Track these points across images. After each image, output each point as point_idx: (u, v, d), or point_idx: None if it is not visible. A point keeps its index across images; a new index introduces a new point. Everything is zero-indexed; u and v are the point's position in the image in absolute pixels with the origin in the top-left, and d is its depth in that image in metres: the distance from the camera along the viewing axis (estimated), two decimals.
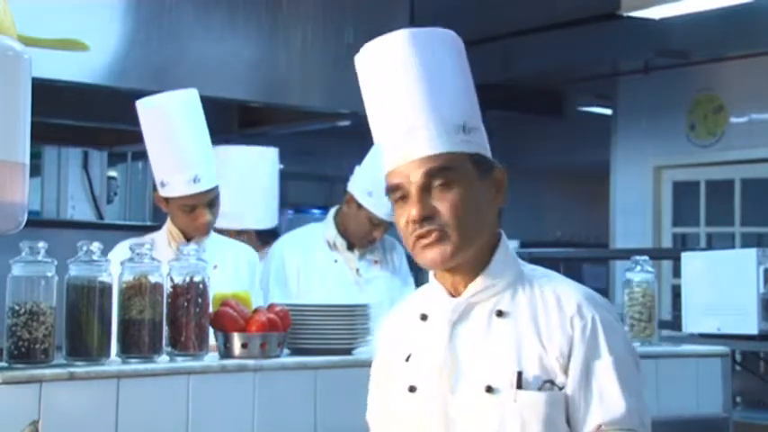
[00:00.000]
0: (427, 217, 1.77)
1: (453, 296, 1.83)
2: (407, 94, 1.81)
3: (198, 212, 3.31)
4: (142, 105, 3.39)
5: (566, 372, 1.75)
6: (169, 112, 3.36)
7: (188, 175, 3.29)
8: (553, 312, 1.79)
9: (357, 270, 3.69)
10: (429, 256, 1.78)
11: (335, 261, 3.70)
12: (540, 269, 1.89)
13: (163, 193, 3.34)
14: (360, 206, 3.60)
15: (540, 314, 1.80)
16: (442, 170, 1.78)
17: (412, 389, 1.80)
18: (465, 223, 1.78)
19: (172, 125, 3.34)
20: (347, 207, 3.66)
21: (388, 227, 3.67)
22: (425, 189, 1.78)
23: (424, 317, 1.87)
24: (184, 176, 3.29)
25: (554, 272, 1.91)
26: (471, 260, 1.81)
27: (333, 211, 3.77)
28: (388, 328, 1.97)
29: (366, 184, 3.61)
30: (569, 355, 1.76)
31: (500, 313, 1.80)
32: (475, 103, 1.87)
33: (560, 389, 1.74)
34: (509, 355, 1.76)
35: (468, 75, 1.87)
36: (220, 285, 2.91)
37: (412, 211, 1.77)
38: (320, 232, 3.75)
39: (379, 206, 3.58)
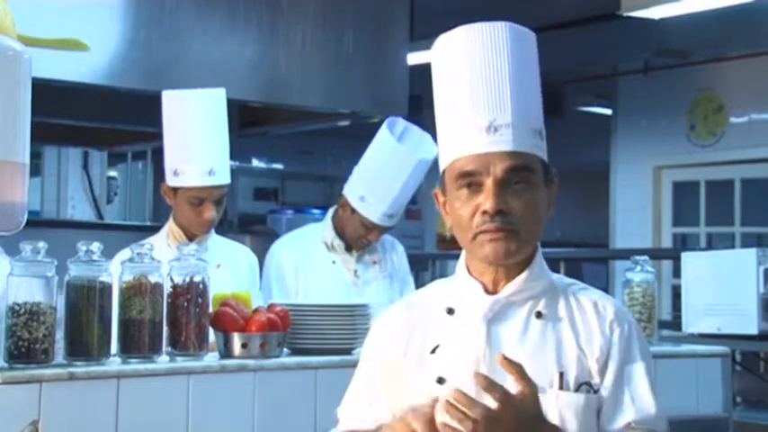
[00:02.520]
0: (501, 212, 1.76)
1: (489, 293, 1.84)
2: (501, 86, 1.80)
3: (205, 207, 3.32)
4: (168, 96, 3.40)
5: (602, 374, 1.80)
6: (195, 104, 3.38)
7: (204, 167, 3.31)
8: (592, 317, 1.83)
9: (355, 272, 3.69)
10: (493, 249, 1.78)
11: (333, 262, 3.69)
12: (564, 278, 1.93)
13: (174, 182, 3.34)
14: (354, 210, 3.61)
15: (578, 318, 1.83)
16: (524, 169, 1.79)
17: (441, 380, 1.79)
18: (532, 225, 1.80)
19: (195, 117, 3.36)
20: (342, 210, 3.67)
21: (384, 230, 3.67)
22: (503, 184, 1.77)
23: (450, 311, 1.86)
24: (200, 168, 3.31)
25: (577, 280, 1.94)
26: (517, 261, 1.83)
27: (331, 211, 3.76)
28: (400, 322, 1.93)
29: (359, 188, 3.61)
30: (607, 359, 1.80)
31: (539, 315, 1.82)
32: (542, 112, 1.87)
33: (595, 391, 1.79)
34: (549, 355, 1.79)
35: (539, 81, 1.88)
36: (223, 284, 2.91)
37: (486, 203, 1.76)
38: (318, 233, 3.75)
39: (371, 211, 3.58)
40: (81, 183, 8.25)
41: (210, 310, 2.61)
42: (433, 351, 1.84)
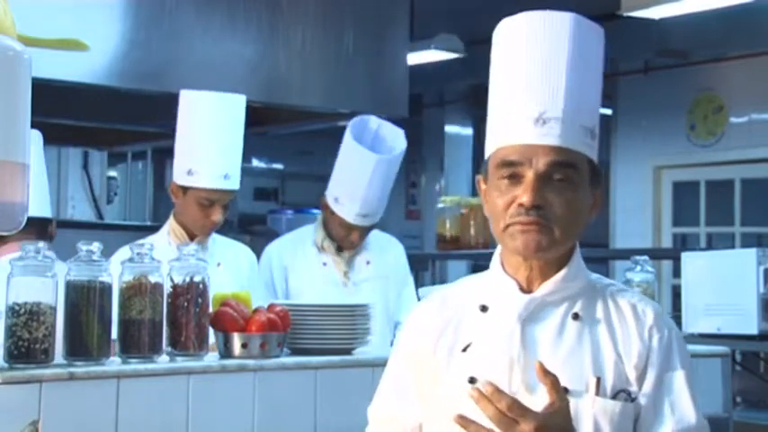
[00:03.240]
0: (538, 206, 1.72)
1: (524, 291, 1.80)
2: (557, 78, 1.75)
3: (213, 209, 3.33)
4: (190, 94, 3.41)
5: (640, 381, 1.75)
6: (216, 106, 3.39)
7: (219, 171, 3.32)
8: (630, 321, 1.79)
9: (345, 273, 3.68)
10: (524, 241, 1.74)
11: (324, 264, 3.69)
12: (604, 278, 1.88)
13: (186, 181, 3.34)
14: (333, 211, 3.63)
15: (616, 322, 1.79)
16: (568, 166, 1.75)
17: (472, 380, 1.75)
18: (569, 223, 1.76)
19: (215, 119, 3.37)
20: (325, 212, 3.68)
21: (365, 230, 3.65)
22: (544, 178, 1.73)
23: (484, 308, 1.82)
24: (215, 170, 3.32)
25: (615, 281, 1.90)
26: (553, 259, 1.79)
27: (321, 213, 3.77)
28: (431, 319, 1.88)
29: (333, 190, 3.62)
30: (645, 365, 1.76)
31: (576, 316, 1.78)
32: (598, 110, 1.83)
33: (633, 399, 1.74)
34: (586, 359, 1.74)
35: (601, 78, 1.84)
36: (223, 284, 2.91)
37: (524, 196, 1.72)
38: (311, 235, 3.76)
39: (345, 211, 3.59)
40: (81, 183, 8.25)
41: (210, 310, 2.61)
42: (465, 349, 1.80)
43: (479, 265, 9.09)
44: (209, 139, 3.34)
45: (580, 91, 1.77)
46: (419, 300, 3.73)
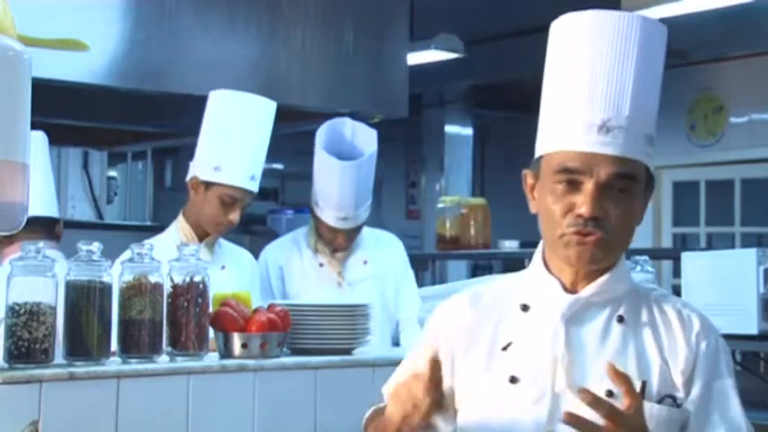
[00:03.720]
0: (596, 218, 1.69)
1: (568, 291, 1.77)
2: (623, 85, 1.70)
3: (233, 208, 3.35)
4: (222, 93, 3.43)
5: (686, 388, 1.74)
6: (249, 108, 3.42)
7: (247, 171, 3.35)
8: (676, 327, 1.77)
9: (339, 273, 3.68)
10: (578, 253, 1.71)
11: (321, 265, 3.69)
12: (644, 282, 1.88)
13: (212, 177, 3.33)
14: (317, 215, 3.64)
15: (661, 327, 1.77)
16: (629, 177, 1.71)
17: (513, 379, 1.73)
18: (625, 234, 1.74)
19: (247, 120, 3.40)
20: (313, 215, 3.69)
21: (353, 231, 3.65)
22: (604, 189, 1.69)
23: (525, 307, 1.79)
24: (244, 170, 3.34)
25: (657, 286, 1.89)
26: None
27: (311, 216, 3.77)
28: (465, 317, 1.84)
29: (314, 195, 3.63)
30: (693, 372, 1.74)
31: (621, 319, 1.76)
32: (656, 115, 1.78)
33: (678, 405, 1.72)
34: (631, 363, 1.72)
35: (660, 80, 1.79)
36: (226, 286, 2.91)
37: (583, 207, 1.69)
38: (306, 236, 3.76)
39: (325, 215, 3.59)
40: (81, 183, 8.24)
41: (210, 310, 2.61)
42: (505, 348, 1.77)
43: (479, 264, 9.10)
44: (239, 138, 3.36)
45: (645, 98, 1.73)
46: (419, 296, 3.74)
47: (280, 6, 4.62)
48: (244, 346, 2.59)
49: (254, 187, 3.39)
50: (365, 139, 3.66)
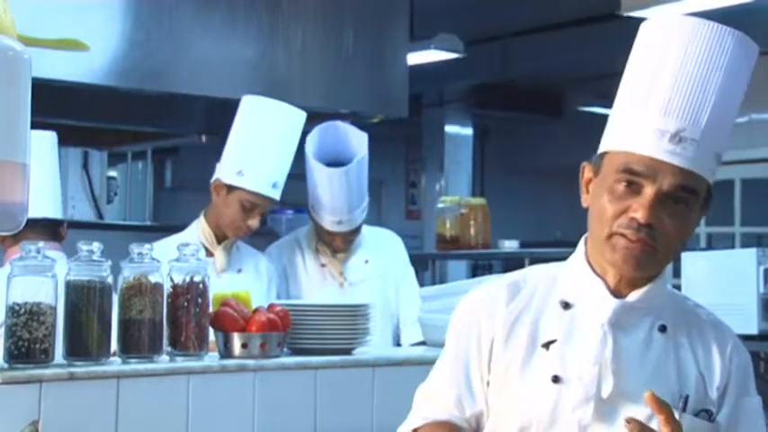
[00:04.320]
0: (650, 225, 1.67)
1: (613, 294, 1.75)
2: (705, 98, 1.68)
3: (253, 214, 3.37)
4: (253, 99, 3.47)
5: (719, 403, 1.74)
6: (277, 116, 3.46)
7: (270, 178, 3.38)
8: (712, 342, 1.77)
9: (340, 273, 3.68)
10: (624, 256, 1.68)
11: (323, 265, 3.70)
12: (677, 291, 1.87)
13: (234, 181, 3.35)
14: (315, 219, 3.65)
15: (698, 340, 1.77)
16: (690, 192, 1.69)
17: (556, 379, 1.71)
18: (675, 247, 1.72)
19: (274, 128, 3.43)
20: (310, 218, 3.70)
21: (350, 233, 3.64)
22: (664, 198, 1.67)
23: (566, 305, 1.77)
24: (267, 177, 3.37)
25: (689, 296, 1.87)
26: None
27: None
28: (501, 306, 1.81)
29: (309, 199, 3.63)
30: (726, 388, 1.75)
31: (663, 328, 1.75)
32: (729, 135, 1.77)
33: (712, 420, 1.72)
34: (671, 374, 1.72)
35: (740, 100, 1.78)
36: (244, 289, 2.91)
37: (639, 212, 1.66)
38: (307, 236, 3.76)
39: (321, 220, 3.59)
40: (81, 183, 8.24)
41: (210, 310, 2.61)
42: (547, 346, 1.75)
43: (479, 264, 9.10)
44: (264, 145, 3.38)
45: (723, 116, 1.71)
46: (420, 296, 3.74)
47: (280, 6, 4.61)
48: (244, 346, 2.59)
49: (276, 195, 3.41)
50: (356, 142, 3.66)
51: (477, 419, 1.80)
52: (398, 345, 3.72)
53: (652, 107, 1.69)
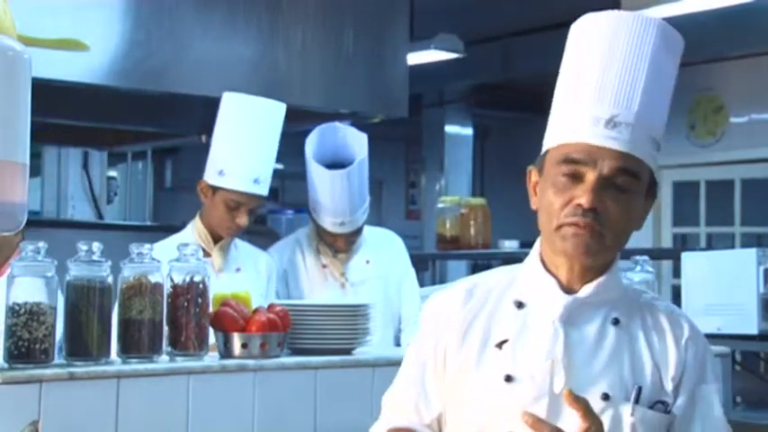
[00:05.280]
0: (595, 210, 1.69)
1: (564, 291, 1.76)
2: (634, 83, 1.72)
3: (240, 212, 3.35)
4: (232, 96, 3.44)
5: (675, 393, 1.75)
6: (255, 111, 3.42)
7: (251, 174, 3.35)
8: (668, 332, 1.78)
9: (342, 274, 3.68)
10: (574, 243, 1.70)
11: (324, 266, 3.69)
12: (634, 285, 1.89)
13: (217, 181, 3.35)
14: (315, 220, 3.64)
15: (653, 331, 1.78)
16: (631, 174, 1.71)
17: (509, 378, 1.73)
18: (622, 231, 1.73)
19: (252, 123, 3.40)
20: (311, 219, 3.69)
21: (352, 234, 3.64)
22: (605, 183, 1.70)
23: (520, 304, 1.79)
24: (247, 173, 3.34)
25: (648, 288, 1.90)
26: (595, 264, 1.77)
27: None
28: (457, 310, 1.83)
29: (310, 201, 3.63)
30: (681, 378, 1.75)
31: (616, 321, 1.76)
32: (665, 122, 1.80)
33: (668, 411, 1.73)
34: (626, 366, 1.73)
35: (672, 90, 1.81)
36: (242, 288, 2.91)
37: (583, 198, 1.69)
38: (308, 237, 3.76)
39: (322, 220, 3.59)
40: (81, 183, 8.24)
41: (210, 310, 2.61)
42: (500, 345, 1.76)
43: (479, 264, 9.09)
44: (243, 142, 3.36)
45: (655, 100, 1.74)
46: (419, 296, 3.74)
47: (280, 6, 4.61)
48: (244, 346, 2.59)
49: (260, 190, 3.39)
50: (356, 143, 3.65)
51: (439, 423, 1.84)
52: (399, 345, 3.72)
53: (584, 97, 1.73)
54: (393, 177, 10.77)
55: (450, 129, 9.27)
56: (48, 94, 3.41)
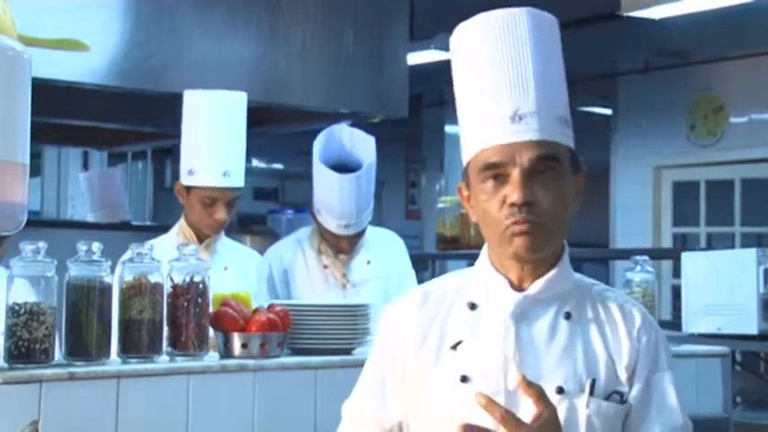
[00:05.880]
0: (529, 203, 1.70)
1: (515, 289, 1.78)
2: (524, 73, 1.74)
3: (216, 208, 3.34)
4: (190, 95, 3.43)
5: (630, 383, 1.76)
6: (215, 105, 3.41)
7: (218, 169, 3.33)
8: (619, 322, 1.79)
9: (343, 275, 3.68)
10: (522, 244, 1.71)
11: (325, 266, 3.69)
12: (585, 277, 1.87)
13: (188, 181, 3.35)
14: (318, 221, 3.64)
15: (605, 322, 1.78)
16: (552, 159, 1.73)
17: (465, 379, 1.74)
18: (559, 217, 1.74)
19: (214, 117, 3.38)
20: (314, 219, 3.69)
21: (356, 236, 3.64)
22: (530, 174, 1.71)
23: (473, 306, 1.80)
24: (215, 168, 3.33)
25: (597, 281, 1.89)
26: (544, 258, 1.77)
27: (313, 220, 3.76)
28: (414, 315, 1.85)
29: (315, 202, 3.62)
30: (635, 367, 1.76)
31: (568, 316, 1.77)
32: (567, 98, 1.81)
33: (624, 401, 1.74)
34: (579, 359, 1.74)
35: (563, 67, 1.83)
36: (229, 287, 2.91)
37: (513, 194, 1.70)
38: (309, 237, 3.76)
39: (327, 222, 3.58)
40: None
41: (210, 310, 2.61)
42: (455, 347, 1.77)
43: None
44: (207, 138, 3.35)
45: (549, 83, 1.76)
46: None
47: (280, 6, 4.62)
48: (244, 346, 2.59)
49: (231, 182, 3.35)
50: (364, 146, 3.65)
51: (400, 429, 1.85)
52: None
53: (484, 102, 1.76)
54: (393, 177, 10.78)
55: (450, 129, 9.27)
56: (48, 94, 3.41)
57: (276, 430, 2.53)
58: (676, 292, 6.57)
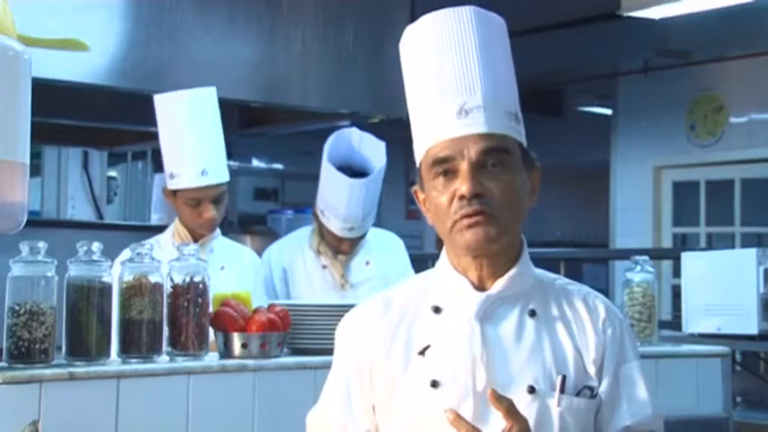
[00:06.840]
0: (478, 195, 1.70)
1: (478, 290, 1.77)
2: (469, 68, 1.74)
3: (203, 207, 3.34)
4: (160, 99, 3.42)
5: (599, 376, 1.76)
6: (184, 106, 3.40)
7: (196, 168, 3.33)
8: (584, 316, 1.78)
9: (343, 275, 3.68)
10: (473, 235, 1.71)
11: (324, 267, 3.69)
12: (547, 272, 1.87)
13: (171, 185, 3.37)
14: (321, 222, 3.64)
15: (570, 317, 1.78)
16: (500, 151, 1.73)
17: (435, 383, 1.73)
18: (512, 208, 1.73)
19: (185, 119, 3.38)
20: (316, 220, 3.68)
21: (359, 239, 3.64)
22: (479, 167, 1.71)
23: (437, 309, 1.79)
24: (192, 169, 3.33)
25: (558, 275, 1.89)
26: (502, 254, 1.77)
27: (314, 220, 3.76)
28: (378, 322, 1.82)
29: (319, 203, 3.62)
30: (603, 360, 1.76)
31: (533, 313, 1.76)
32: (517, 95, 1.82)
33: (594, 395, 1.74)
34: (548, 356, 1.73)
35: (512, 65, 1.83)
36: (226, 286, 2.91)
37: (462, 187, 1.70)
38: (309, 237, 3.75)
39: (331, 224, 3.58)
40: (81, 183, 8.24)
41: (210, 310, 2.61)
42: (422, 352, 1.76)
43: None
44: (182, 139, 3.36)
45: (495, 77, 1.76)
46: None
47: (280, 6, 4.62)
48: (244, 346, 2.59)
49: (211, 180, 3.34)
50: (373, 150, 3.66)
51: None
52: None
53: (430, 99, 1.76)
54: (393, 177, 10.76)
55: None
56: (48, 94, 3.40)
57: (276, 430, 2.53)
58: (676, 292, 6.57)
